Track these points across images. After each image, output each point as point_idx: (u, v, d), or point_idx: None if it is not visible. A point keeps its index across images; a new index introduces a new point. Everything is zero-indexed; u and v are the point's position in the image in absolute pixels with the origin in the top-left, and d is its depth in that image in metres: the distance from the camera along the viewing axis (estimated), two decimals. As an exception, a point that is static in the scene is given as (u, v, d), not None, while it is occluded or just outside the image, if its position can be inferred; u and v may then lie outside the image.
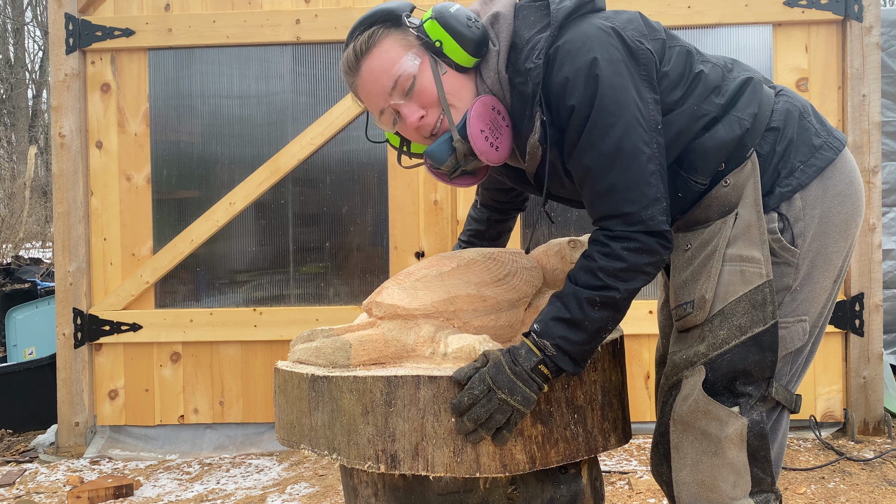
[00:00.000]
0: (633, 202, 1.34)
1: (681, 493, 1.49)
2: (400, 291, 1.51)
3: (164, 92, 3.66)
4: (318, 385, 1.44)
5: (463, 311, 1.51)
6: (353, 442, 1.40)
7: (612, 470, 3.09)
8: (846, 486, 2.87)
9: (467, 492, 1.44)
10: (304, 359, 1.51)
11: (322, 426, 1.44)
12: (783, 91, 1.56)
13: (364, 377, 1.40)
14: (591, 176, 1.37)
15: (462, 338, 1.45)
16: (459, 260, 1.59)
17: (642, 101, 1.37)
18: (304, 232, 3.65)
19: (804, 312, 1.48)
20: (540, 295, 1.67)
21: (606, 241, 1.36)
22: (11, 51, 17.49)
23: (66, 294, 3.61)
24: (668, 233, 1.37)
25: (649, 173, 1.35)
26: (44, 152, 14.95)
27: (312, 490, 3.04)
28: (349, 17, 3.51)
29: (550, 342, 1.34)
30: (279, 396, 1.54)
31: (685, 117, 1.43)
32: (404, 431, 1.37)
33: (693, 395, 1.45)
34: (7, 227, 8.30)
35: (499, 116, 1.44)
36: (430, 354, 1.47)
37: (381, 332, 1.50)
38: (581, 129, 1.36)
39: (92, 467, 3.44)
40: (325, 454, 1.45)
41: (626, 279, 1.35)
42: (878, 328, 3.42)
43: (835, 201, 1.47)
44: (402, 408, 1.37)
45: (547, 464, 1.39)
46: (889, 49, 4.04)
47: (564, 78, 1.35)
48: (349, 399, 1.40)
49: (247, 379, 3.63)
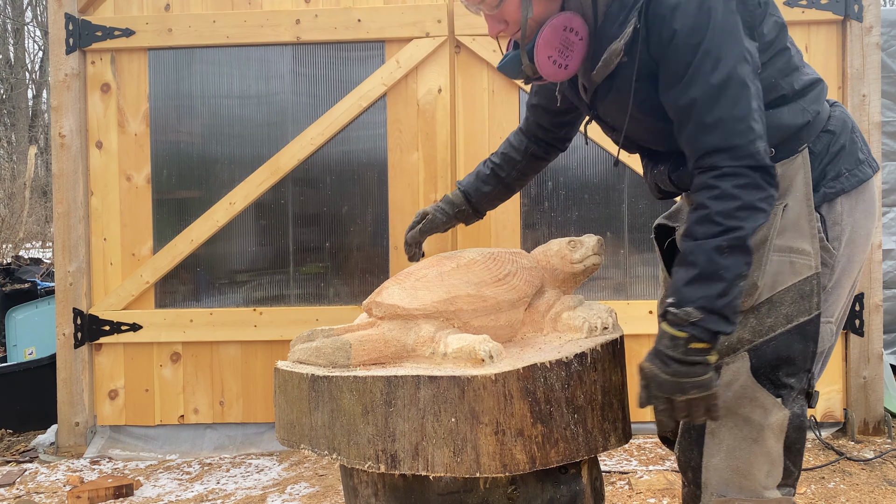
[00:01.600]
0: (742, 135, 1.34)
1: (710, 478, 1.49)
2: (400, 291, 1.52)
3: (164, 92, 3.66)
4: (318, 385, 1.44)
5: (463, 311, 1.52)
6: (353, 442, 1.40)
7: (613, 470, 3.09)
8: (846, 485, 2.87)
9: (467, 492, 1.44)
10: (305, 359, 1.51)
11: (322, 426, 1.44)
12: (837, 103, 1.59)
13: (364, 377, 1.40)
14: (698, 107, 1.36)
15: (462, 338, 1.45)
16: (459, 259, 1.60)
17: (748, 42, 1.39)
18: (304, 232, 3.65)
19: (831, 315, 1.52)
20: (539, 295, 1.67)
21: (715, 183, 1.34)
22: (11, 51, 17.49)
23: (66, 294, 3.61)
24: (772, 168, 1.36)
25: (754, 109, 1.36)
26: (44, 152, 14.95)
27: (312, 490, 3.04)
28: (349, 17, 3.51)
29: (693, 307, 1.30)
30: (279, 396, 1.55)
31: (762, 83, 1.43)
32: (404, 431, 1.37)
33: (739, 381, 1.46)
34: (7, 227, 8.30)
35: (571, 34, 1.46)
36: (430, 354, 1.47)
37: (381, 332, 1.50)
38: (689, 58, 1.36)
39: (92, 467, 3.44)
40: (325, 454, 1.45)
41: (745, 217, 1.32)
42: (878, 328, 3.42)
43: (863, 215, 1.51)
44: (402, 408, 1.37)
45: (547, 463, 1.40)
46: (889, 49, 4.04)
47: (676, 1, 1.35)
48: (349, 399, 1.41)
49: (247, 379, 3.64)
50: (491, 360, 1.40)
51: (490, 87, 3.53)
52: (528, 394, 1.38)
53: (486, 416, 1.35)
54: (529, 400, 1.38)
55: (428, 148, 3.54)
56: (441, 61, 3.52)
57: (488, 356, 1.40)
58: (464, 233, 3.51)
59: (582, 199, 3.55)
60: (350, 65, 3.59)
